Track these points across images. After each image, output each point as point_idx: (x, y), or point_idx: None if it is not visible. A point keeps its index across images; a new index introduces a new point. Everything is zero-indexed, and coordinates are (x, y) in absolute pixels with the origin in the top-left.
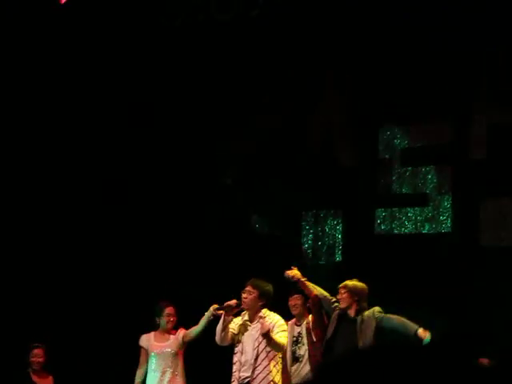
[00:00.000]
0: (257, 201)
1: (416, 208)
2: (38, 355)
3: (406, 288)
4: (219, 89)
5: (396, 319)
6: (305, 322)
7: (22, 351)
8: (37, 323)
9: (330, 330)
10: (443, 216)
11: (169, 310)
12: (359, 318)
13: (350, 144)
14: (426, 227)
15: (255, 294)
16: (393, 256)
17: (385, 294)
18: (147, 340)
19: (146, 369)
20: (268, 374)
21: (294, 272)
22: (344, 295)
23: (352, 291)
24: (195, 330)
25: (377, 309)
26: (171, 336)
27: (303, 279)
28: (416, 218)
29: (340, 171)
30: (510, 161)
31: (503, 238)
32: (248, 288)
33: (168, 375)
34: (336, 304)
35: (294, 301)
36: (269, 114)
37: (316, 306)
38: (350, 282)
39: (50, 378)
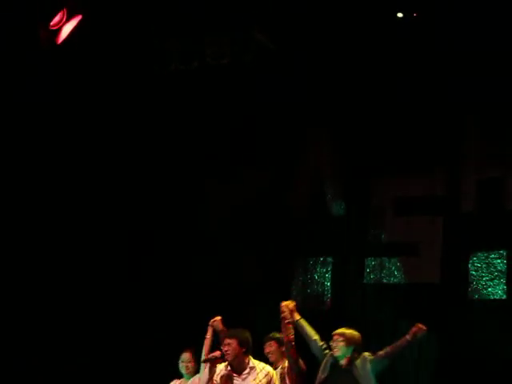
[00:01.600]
0: (246, 248)
1: (405, 257)
2: None
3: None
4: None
5: (385, 351)
6: (280, 367)
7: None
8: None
9: (321, 377)
10: (432, 267)
11: (183, 356)
12: (353, 368)
13: (341, 192)
14: (415, 277)
15: (235, 343)
16: (382, 305)
17: (372, 343)
18: None
19: None
20: None
21: (288, 307)
22: (340, 343)
23: (349, 340)
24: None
25: (366, 354)
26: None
27: (289, 320)
28: (405, 267)
29: (331, 219)
30: (497, 214)
31: (490, 292)
32: (227, 341)
33: None
34: (327, 351)
35: (268, 348)
36: (257, 166)
37: (289, 351)
38: (347, 331)
39: None
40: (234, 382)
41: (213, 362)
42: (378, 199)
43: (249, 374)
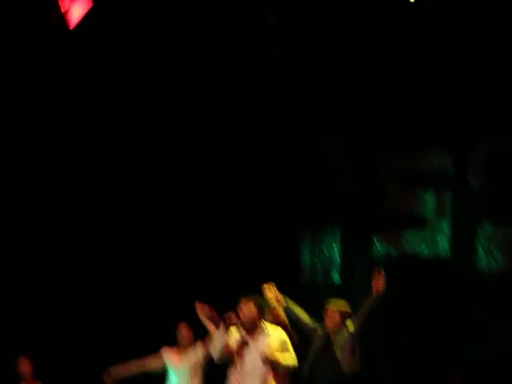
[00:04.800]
0: (256, 222)
1: (414, 231)
2: (25, 364)
3: (404, 310)
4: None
5: (358, 314)
6: None
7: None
8: (24, 331)
9: (312, 353)
10: (441, 239)
11: (181, 327)
12: (336, 338)
13: (351, 166)
14: (424, 250)
15: (250, 307)
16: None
17: (380, 315)
18: (168, 352)
19: (144, 369)
20: None
21: (271, 290)
22: (336, 319)
23: (344, 316)
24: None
25: (348, 323)
26: (189, 351)
27: (276, 303)
28: (414, 240)
29: (339, 194)
30: (506, 188)
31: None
32: (242, 303)
33: None
34: (319, 329)
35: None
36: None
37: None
38: (341, 307)
39: None
40: (248, 344)
41: (227, 326)
42: (386, 172)
43: (261, 335)
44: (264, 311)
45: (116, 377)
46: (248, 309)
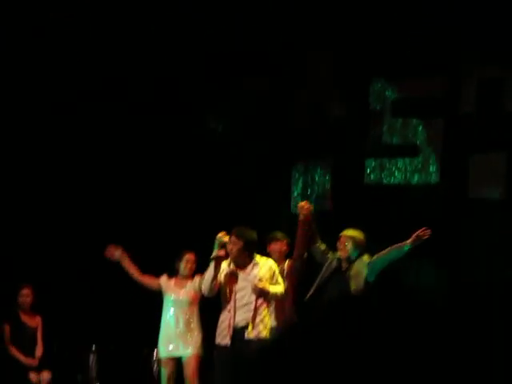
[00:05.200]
0: (246, 151)
1: (406, 159)
2: (26, 295)
3: (394, 237)
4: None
5: (383, 253)
6: (279, 268)
7: (9, 292)
8: (25, 263)
9: (321, 279)
10: (432, 167)
11: (188, 256)
12: (350, 269)
13: (340, 94)
14: (415, 178)
15: (240, 243)
16: (382, 206)
17: (372, 243)
18: (167, 281)
19: (138, 279)
20: (265, 316)
21: (305, 208)
22: (349, 246)
23: (358, 243)
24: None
25: (365, 257)
26: (188, 283)
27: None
28: (405, 168)
29: (330, 121)
30: (498, 115)
31: (489, 192)
32: (233, 238)
33: (182, 322)
34: (329, 254)
35: (270, 247)
36: (256, 75)
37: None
38: (355, 234)
39: (38, 317)
40: (239, 277)
41: (218, 261)
42: (377, 100)
43: (252, 269)
44: (255, 248)
45: (118, 258)
46: (238, 247)
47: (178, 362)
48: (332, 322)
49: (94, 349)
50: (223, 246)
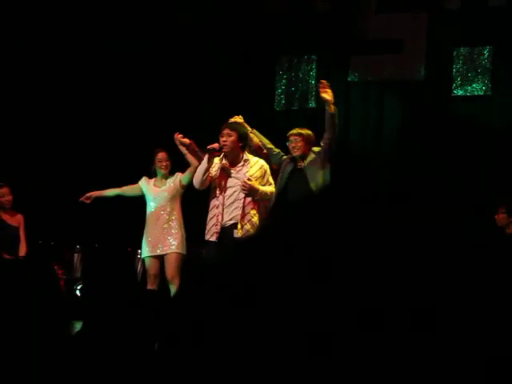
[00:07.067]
0: (229, 45)
1: (391, 55)
2: (4, 194)
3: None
4: None
5: (324, 137)
6: None
7: None
8: (4, 162)
9: (281, 182)
10: (416, 63)
11: (160, 155)
12: (306, 166)
13: None
14: (401, 74)
15: (234, 136)
16: (367, 103)
17: (355, 136)
18: (146, 182)
19: (120, 194)
20: (253, 216)
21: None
22: (300, 143)
23: (307, 140)
24: (188, 171)
25: (314, 148)
26: (168, 180)
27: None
28: (390, 64)
29: (315, 16)
30: (483, 11)
31: (474, 88)
32: (226, 131)
33: (163, 220)
34: (284, 157)
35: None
36: None
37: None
38: (303, 131)
39: (20, 216)
40: (230, 174)
41: (211, 153)
42: None
43: (243, 166)
44: (247, 142)
45: (91, 197)
46: (231, 139)
47: (161, 260)
48: (297, 222)
49: (78, 248)
50: (185, 145)
